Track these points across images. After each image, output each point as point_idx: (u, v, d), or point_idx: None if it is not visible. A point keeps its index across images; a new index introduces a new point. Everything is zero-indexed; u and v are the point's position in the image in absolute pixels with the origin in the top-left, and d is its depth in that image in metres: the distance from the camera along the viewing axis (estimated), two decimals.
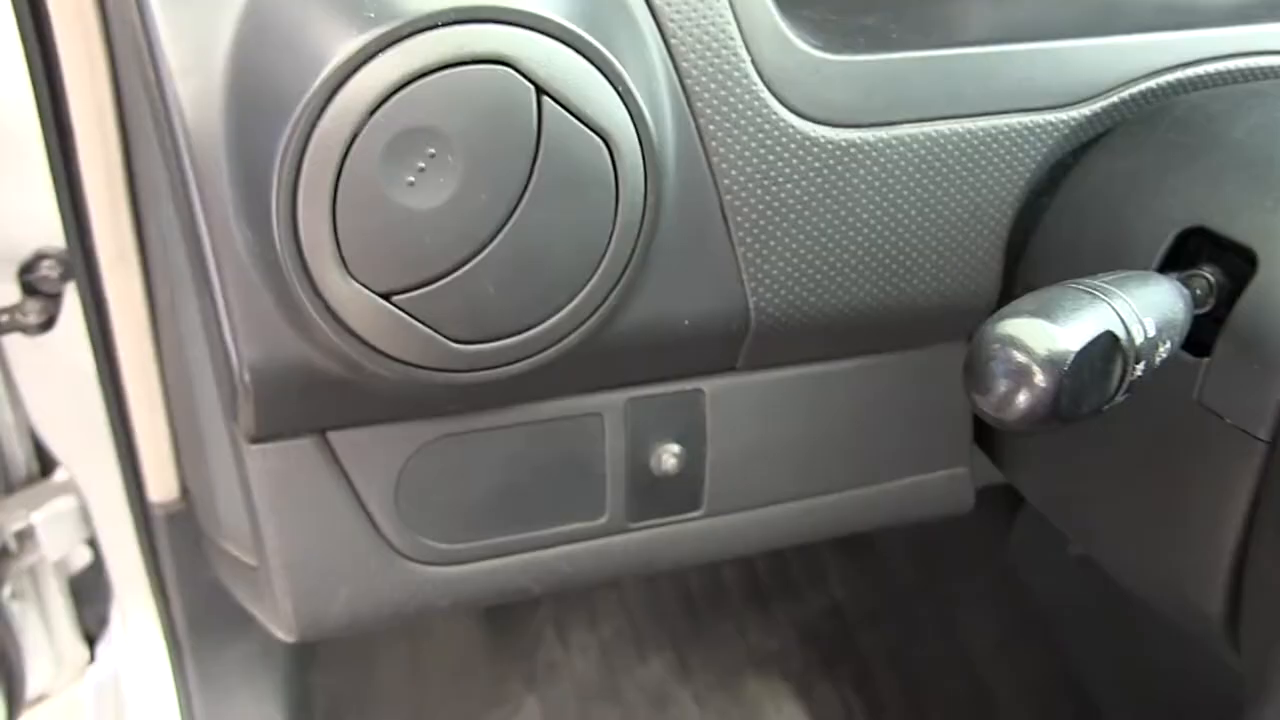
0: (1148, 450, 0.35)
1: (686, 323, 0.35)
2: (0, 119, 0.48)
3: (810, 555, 1.10)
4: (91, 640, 0.79)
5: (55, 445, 0.63)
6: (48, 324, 0.55)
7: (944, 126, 0.36)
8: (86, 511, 0.70)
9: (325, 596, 0.37)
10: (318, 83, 0.27)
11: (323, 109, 0.27)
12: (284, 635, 0.38)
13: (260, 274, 0.30)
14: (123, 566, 0.70)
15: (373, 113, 0.27)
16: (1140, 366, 0.28)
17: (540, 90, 0.29)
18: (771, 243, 0.35)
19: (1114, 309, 0.27)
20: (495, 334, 0.30)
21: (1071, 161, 0.39)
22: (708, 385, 0.38)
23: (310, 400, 0.33)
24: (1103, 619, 0.99)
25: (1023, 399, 0.26)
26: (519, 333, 0.31)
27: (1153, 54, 0.40)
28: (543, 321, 0.31)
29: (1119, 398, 0.28)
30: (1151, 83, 0.39)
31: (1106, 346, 0.27)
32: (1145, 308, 0.28)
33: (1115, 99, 0.39)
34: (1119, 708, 0.95)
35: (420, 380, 0.31)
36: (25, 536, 0.70)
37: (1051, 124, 0.38)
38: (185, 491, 0.65)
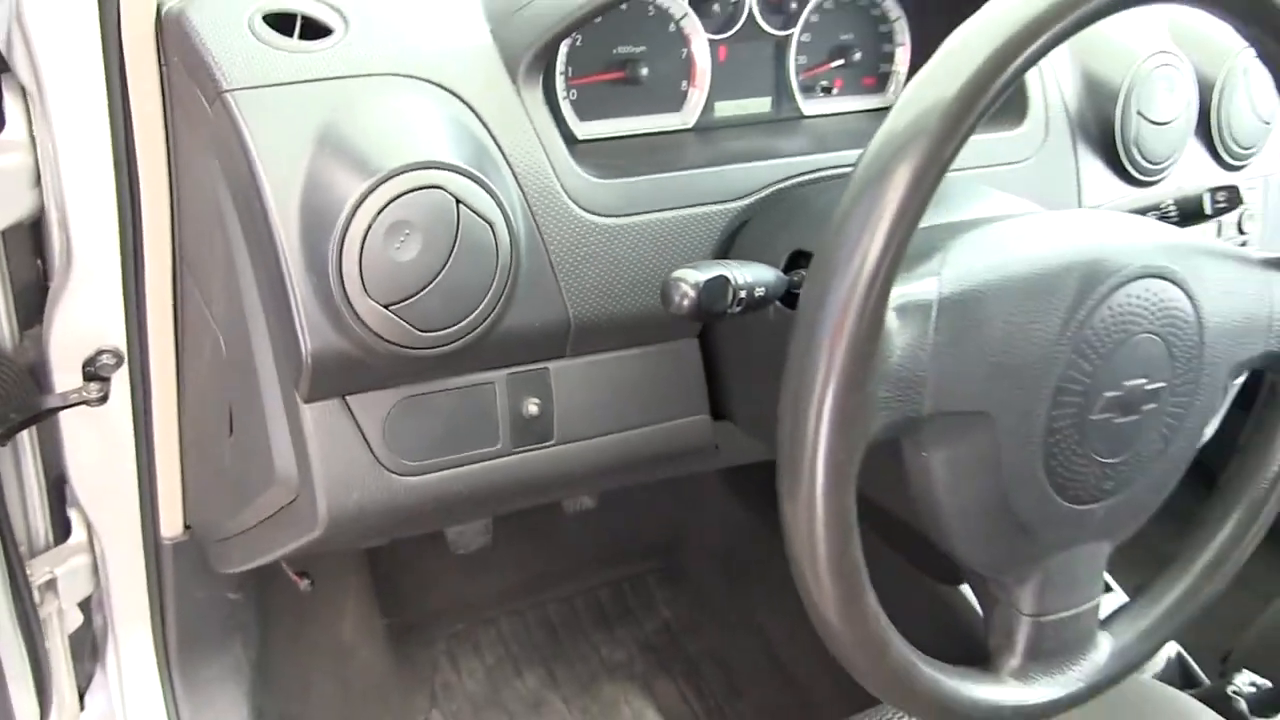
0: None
1: (536, 325, 0.63)
2: (89, 243, 0.68)
3: (642, 587, 1.37)
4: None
5: (85, 492, 0.81)
6: (104, 399, 0.78)
7: (665, 214, 0.66)
8: (99, 561, 0.91)
9: (344, 499, 0.62)
10: (352, 200, 0.54)
11: (354, 212, 0.54)
12: (318, 532, 0.63)
13: (319, 300, 0.56)
14: (127, 594, 0.91)
15: (379, 214, 0.55)
16: (743, 294, 0.55)
17: (458, 201, 0.57)
18: (578, 280, 0.63)
19: (729, 270, 0.56)
20: (439, 327, 0.58)
21: (738, 226, 0.69)
22: (551, 365, 0.65)
23: (341, 375, 0.59)
24: None
25: (683, 302, 0.54)
26: (450, 327, 0.58)
27: (778, 170, 0.71)
28: (461, 321, 0.58)
29: (733, 308, 0.56)
30: (778, 185, 0.71)
31: (721, 282, 0.54)
32: (747, 273, 0.57)
33: (761, 195, 0.70)
34: None
35: (402, 356, 0.58)
36: (47, 589, 0.90)
37: (727, 210, 0.68)
38: (188, 527, 0.88)
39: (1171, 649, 1.09)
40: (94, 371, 0.76)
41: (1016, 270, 0.52)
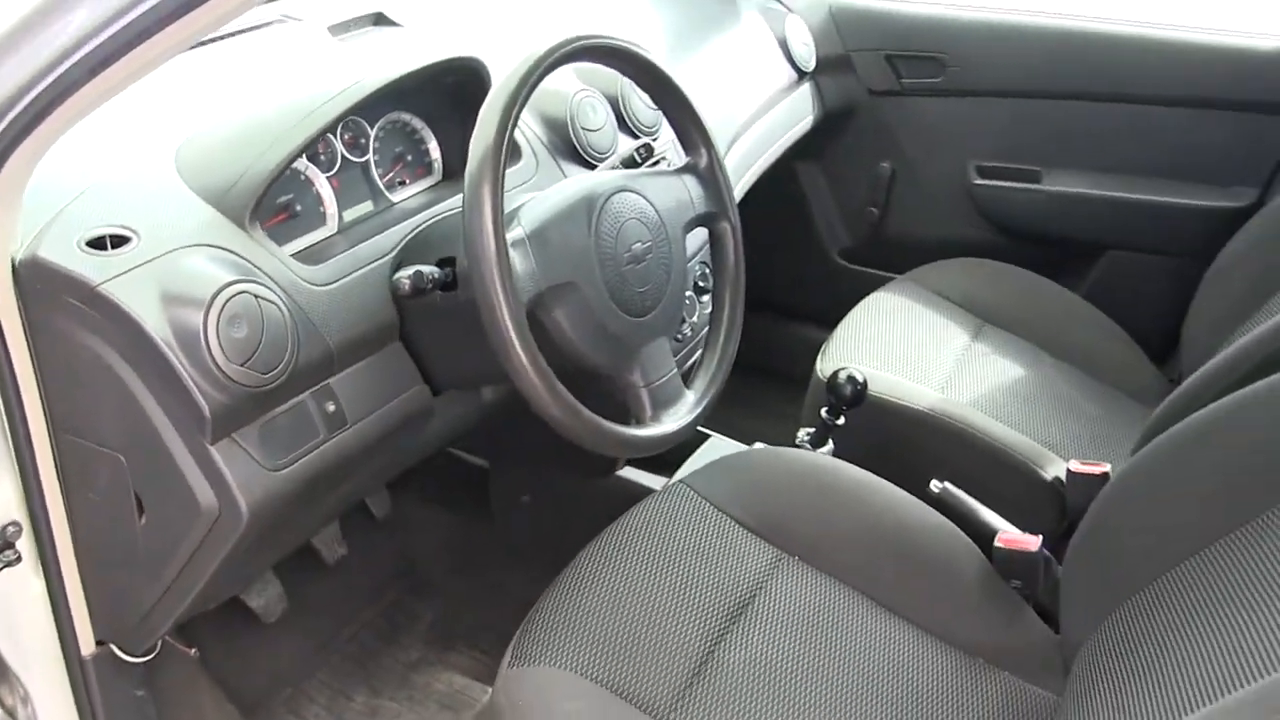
0: None
1: (316, 356, 1.03)
2: None
3: (403, 605, 1.75)
4: None
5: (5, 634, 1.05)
6: (18, 560, 1.06)
7: (360, 271, 1.09)
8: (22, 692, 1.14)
9: (253, 496, 0.91)
10: (203, 311, 0.93)
11: (206, 317, 0.89)
12: (243, 527, 0.95)
13: (201, 373, 0.87)
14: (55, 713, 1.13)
15: (220, 314, 0.95)
16: (430, 278, 1.01)
17: (255, 296, 0.96)
18: (328, 325, 1.03)
19: (421, 268, 1.03)
20: (272, 369, 0.95)
21: (398, 264, 1.15)
22: (331, 380, 1.02)
23: (227, 417, 0.90)
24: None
25: (405, 285, 1.00)
26: (277, 367, 0.97)
27: (403, 229, 1.19)
28: (281, 363, 0.98)
29: (428, 286, 1.02)
30: (408, 235, 1.19)
31: (418, 274, 1.02)
32: (429, 270, 1.04)
33: (401, 243, 1.17)
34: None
35: (256, 394, 0.93)
36: None
37: (388, 259, 1.14)
38: (100, 643, 1.14)
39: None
40: (3, 541, 1.05)
41: (556, 208, 1.04)
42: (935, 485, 1.39)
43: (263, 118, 1.09)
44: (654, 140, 1.44)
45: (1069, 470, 1.39)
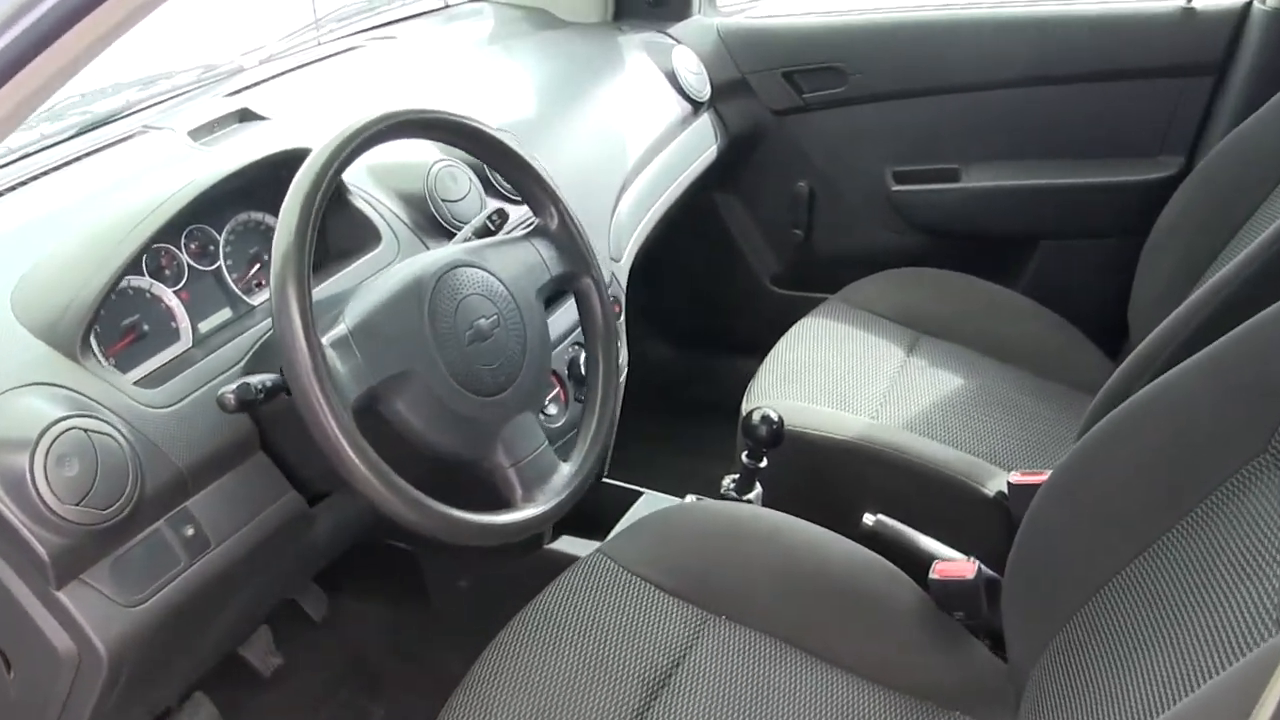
0: None
1: (166, 481, 0.98)
2: None
3: (356, 706, 1.68)
4: None
5: None
6: None
7: (203, 388, 1.06)
8: None
9: (111, 637, 0.87)
10: (26, 458, 0.88)
11: (31, 462, 0.86)
12: (105, 671, 0.89)
13: (32, 518, 0.83)
14: None
15: (46, 455, 0.90)
16: (259, 388, 0.95)
17: (85, 430, 0.90)
18: (175, 447, 0.98)
19: (249, 378, 0.98)
20: (110, 504, 0.91)
21: (249, 371, 1.10)
22: (188, 503, 0.95)
23: (69, 558, 0.85)
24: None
25: (230, 401, 0.93)
26: (117, 502, 0.92)
27: (253, 336, 1.14)
28: (122, 496, 0.93)
29: (259, 397, 0.98)
30: (254, 346, 1.13)
31: (244, 386, 0.95)
32: (260, 378, 0.98)
33: (248, 355, 1.12)
34: None
35: (96, 531, 0.90)
36: None
37: (236, 369, 1.09)
38: None
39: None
40: None
41: (382, 297, 0.98)
42: (868, 518, 1.33)
43: (95, 237, 1.05)
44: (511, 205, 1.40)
45: (1010, 483, 1.33)
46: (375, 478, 0.90)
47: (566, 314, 1.34)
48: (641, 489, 1.62)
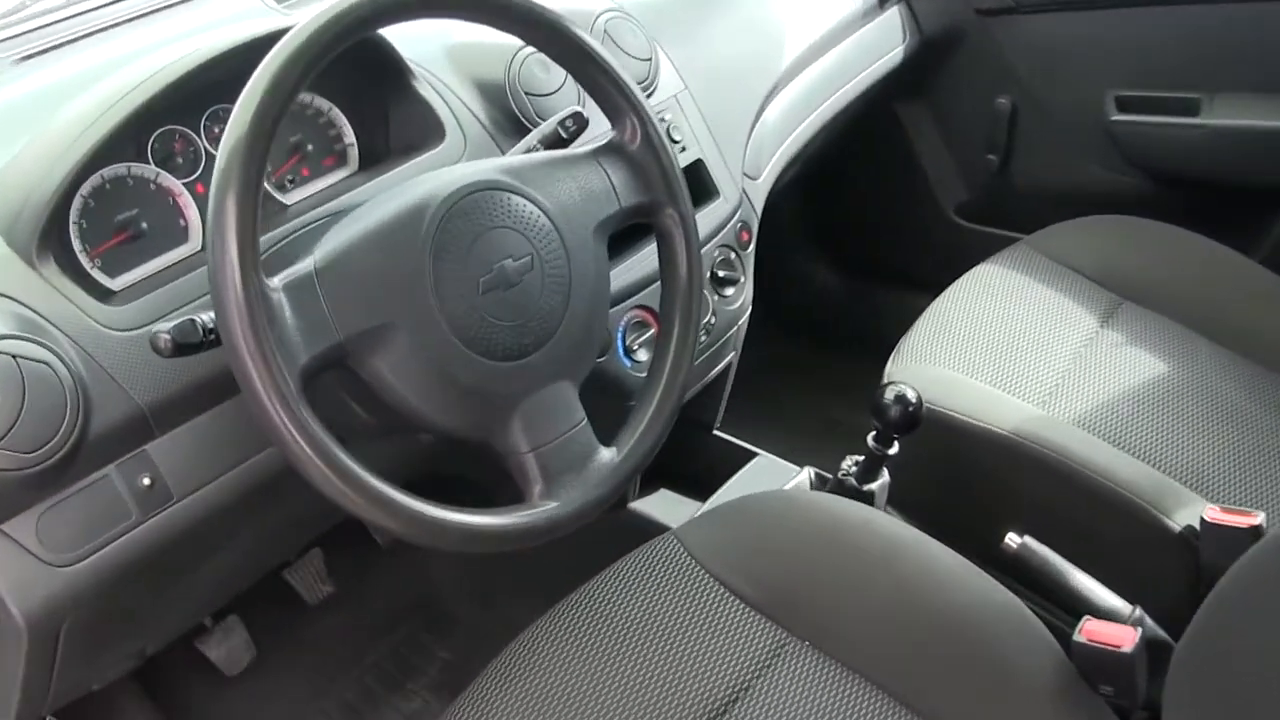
0: None
1: (119, 420, 0.77)
2: None
3: (414, 642, 1.54)
4: None
5: None
6: None
7: (180, 310, 0.87)
8: None
9: (31, 601, 0.75)
10: None
11: None
12: (26, 638, 0.76)
13: None
14: None
15: None
16: (210, 328, 0.76)
17: (13, 356, 0.72)
18: (135, 381, 0.77)
19: (198, 315, 0.78)
20: (38, 447, 0.72)
21: None
22: (148, 446, 0.80)
23: None
24: None
25: (163, 346, 0.73)
26: (46, 444, 0.74)
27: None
28: (53, 439, 0.73)
29: (208, 339, 0.73)
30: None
31: (189, 324, 0.73)
32: (211, 314, 0.79)
33: None
34: None
35: (19, 478, 0.72)
36: None
37: None
38: None
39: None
40: None
41: (368, 227, 0.76)
42: (1012, 540, 1.06)
43: (83, 114, 0.87)
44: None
45: (1204, 518, 1.03)
46: (319, 459, 0.70)
47: (643, 262, 1.10)
48: (755, 449, 1.39)
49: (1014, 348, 1.30)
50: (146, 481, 0.82)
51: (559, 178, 0.85)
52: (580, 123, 0.98)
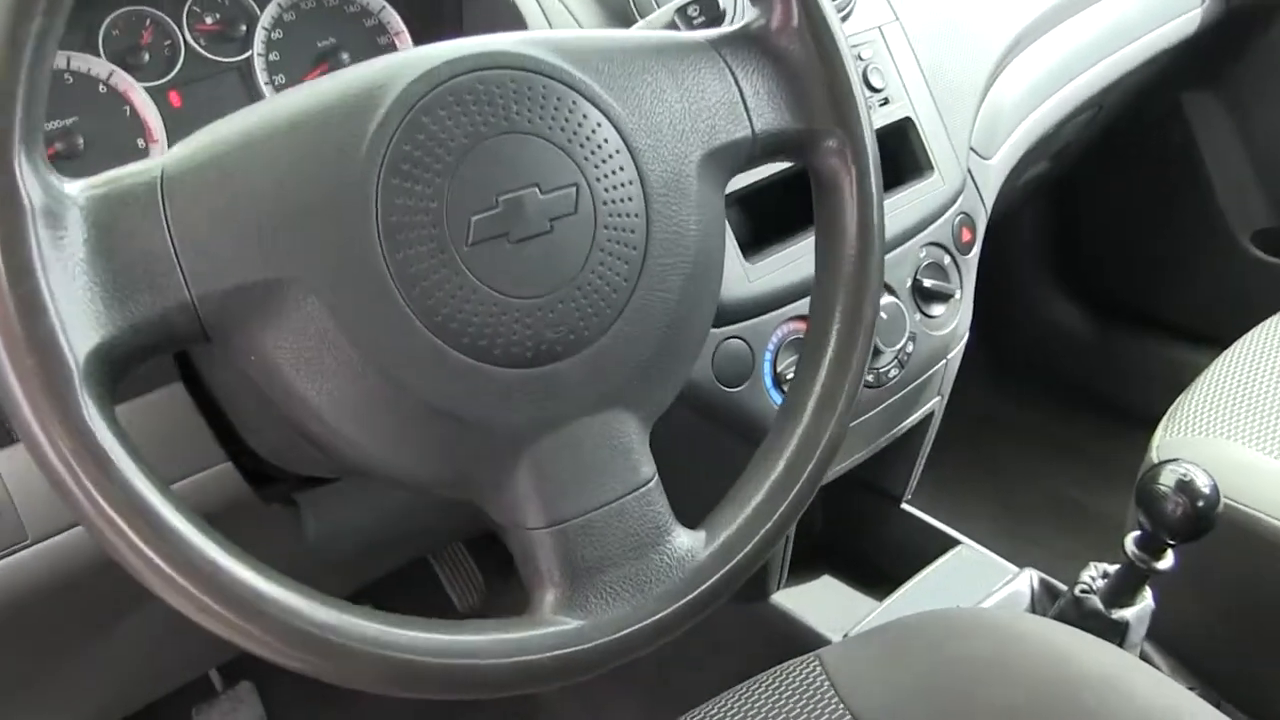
0: None
1: None
2: None
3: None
4: None
5: None
6: None
7: None
8: None
9: None
10: None
11: None
12: None
13: None
14: None
15: None
16: None
17: None
18: None
19: None
20: None
21: None
22: None
23: None
24: None
25: None
26: None
27: None
28: None
29: None
30: None
31: None
32: None
33: None
34: None
35: None
36: None
37: None
38: None
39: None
40: None
41: (279, 113, 0.45)
42: None
43: None
44: None
45: None
46: (110, 504, 0.39)
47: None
48: (958, 535, 1.04)
49: None
50: None
51: (650, 72, 0.50)
52: (712, 11, 0.65)
